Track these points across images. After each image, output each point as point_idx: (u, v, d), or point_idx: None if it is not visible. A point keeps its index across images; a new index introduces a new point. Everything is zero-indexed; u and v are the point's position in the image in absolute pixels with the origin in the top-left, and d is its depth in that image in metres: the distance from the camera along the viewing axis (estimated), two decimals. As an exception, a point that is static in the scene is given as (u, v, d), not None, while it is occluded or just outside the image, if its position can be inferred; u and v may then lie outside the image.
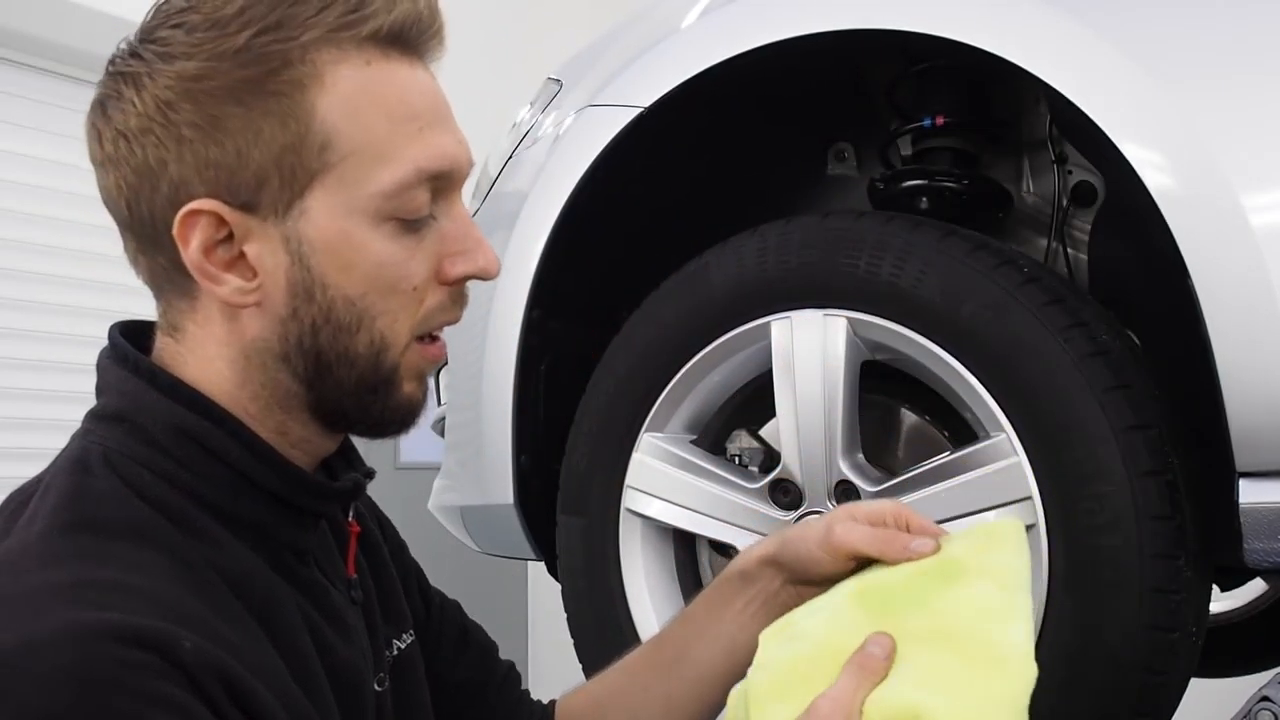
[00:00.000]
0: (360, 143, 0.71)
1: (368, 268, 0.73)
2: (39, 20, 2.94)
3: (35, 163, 3.04)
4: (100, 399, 0.77)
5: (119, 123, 0.73)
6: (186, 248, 0.71)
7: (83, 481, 0.69)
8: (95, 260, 3.14)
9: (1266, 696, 1.10)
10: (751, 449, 1.30)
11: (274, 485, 0.75)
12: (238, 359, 0.74)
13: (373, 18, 0.72)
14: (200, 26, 0.70)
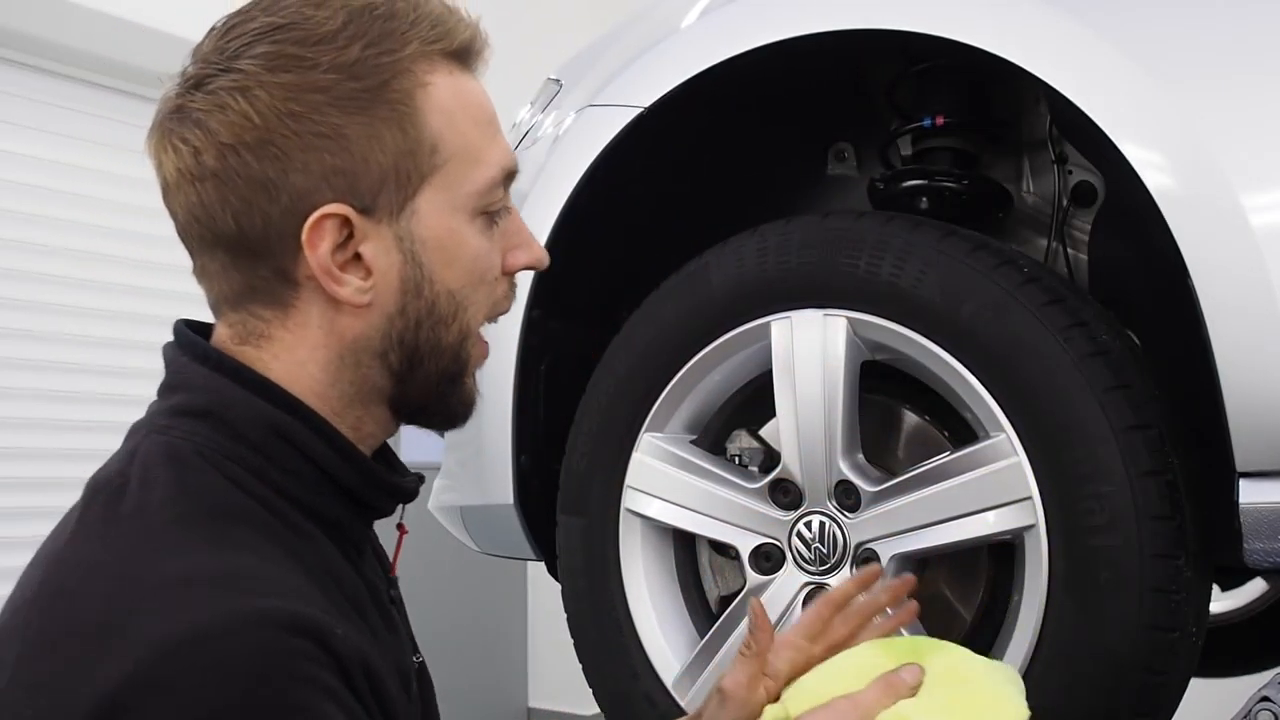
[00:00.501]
0: (458, 146, 0.77)
1: (467, 261, 0.79)
2: (39, 20, 2.94)
3: (35, 163, 3.05)
4: (176, 395, 0.77)
5: (227, 135, 0.73)
6: (314, 252, 0.74)
7: (186, 474, 0.71)
8: (95, 260, 3.14)
9: (1266, 696, 1.10)
10: (751, 449, 1.30)
11: (353, 483, 0.78)
12: (332, 360, 0.77)
13: (453, 34, 0.78)
14: (306, 41, 0.73)
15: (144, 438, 0.75)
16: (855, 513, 1.19)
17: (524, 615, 4.15)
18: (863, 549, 1.18)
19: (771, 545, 1.23)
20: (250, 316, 0.77)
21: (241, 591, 0.64)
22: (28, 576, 0.70)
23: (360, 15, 0.75)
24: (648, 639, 1.31)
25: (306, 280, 0.75)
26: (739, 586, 1.27)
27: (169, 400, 0.78)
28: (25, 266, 3.00)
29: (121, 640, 0.61)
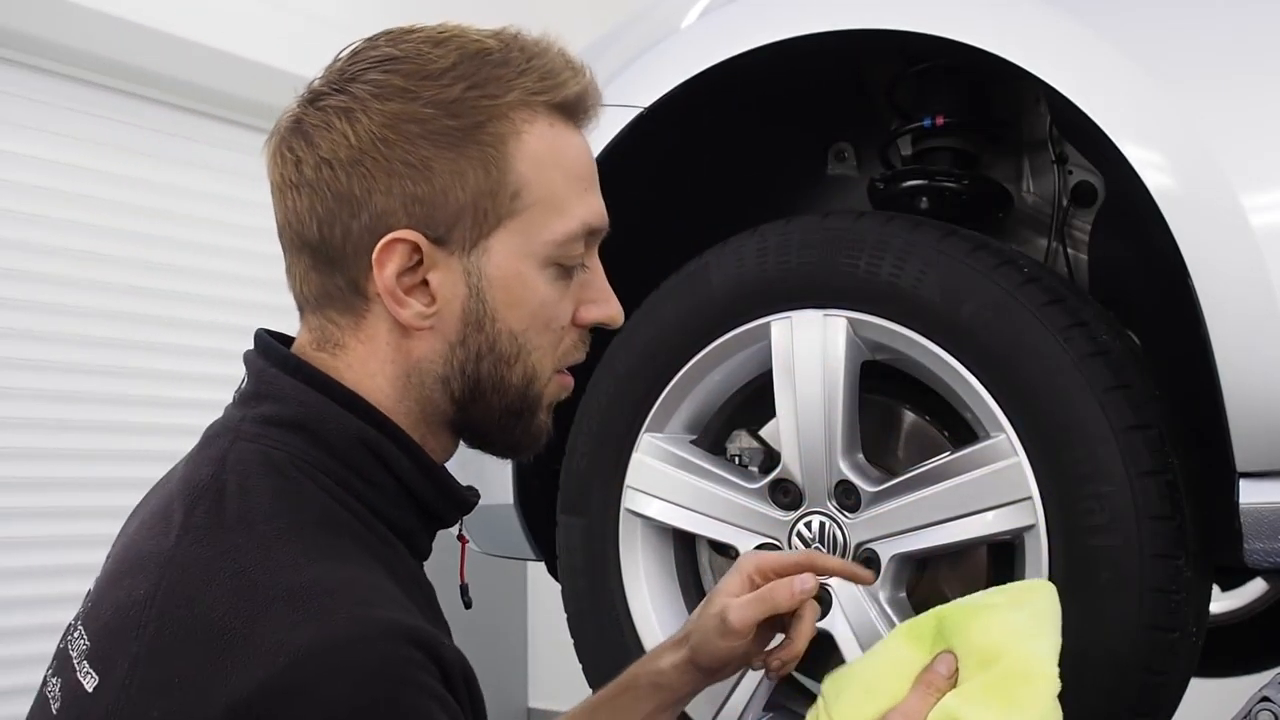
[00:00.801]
0: (542, 195, 0.80)
1: (533, 305, 0.81)
2: (39, 20, 2.94)
3: (35, 163, 3.04)
4: (264, 405, 0.80)
5: (326, 151, 0.78)
6: (381, 271, 0.78)
7: (284, 484, 0.75)
8: (95, 260, 3.14)
9: (1266, 697, 1.09)
10: (751, 449, 1.30)
11: (429, 496, 0.82)
12: (399, 376, 0.81)
13: (561, 88, 0.81)
14: (415, 75, 0.78)
15: (231, 444, 0.78)
16: (855, 513, 1.19)
17: (524, 615, 4.15)
18: (863, 549, 1.18)
19: (772, 545, 1.23)
20: (327, 322, 0.82)
21: (358, 603, 0.68)
22: (132, 578, 0.72)
23: (472, 58, 0.79)
24: (648, 639, 1.31)
25: (376, 296, 0.79)
26: (739, 586, 1.27)
27: (256, 409, 0.80)
28: (25, 266, 3.00)
29: (248, 648, 0.65)
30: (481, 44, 0.80)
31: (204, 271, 3.37)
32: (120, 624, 0.70)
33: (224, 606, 0.67)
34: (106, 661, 0.70)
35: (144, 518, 0.80)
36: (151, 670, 0.67)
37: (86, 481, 3.08)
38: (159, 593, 0.70)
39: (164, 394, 3.25)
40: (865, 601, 1.17)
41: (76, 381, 3.08)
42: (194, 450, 0.83)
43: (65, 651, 0.77)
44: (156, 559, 0.72)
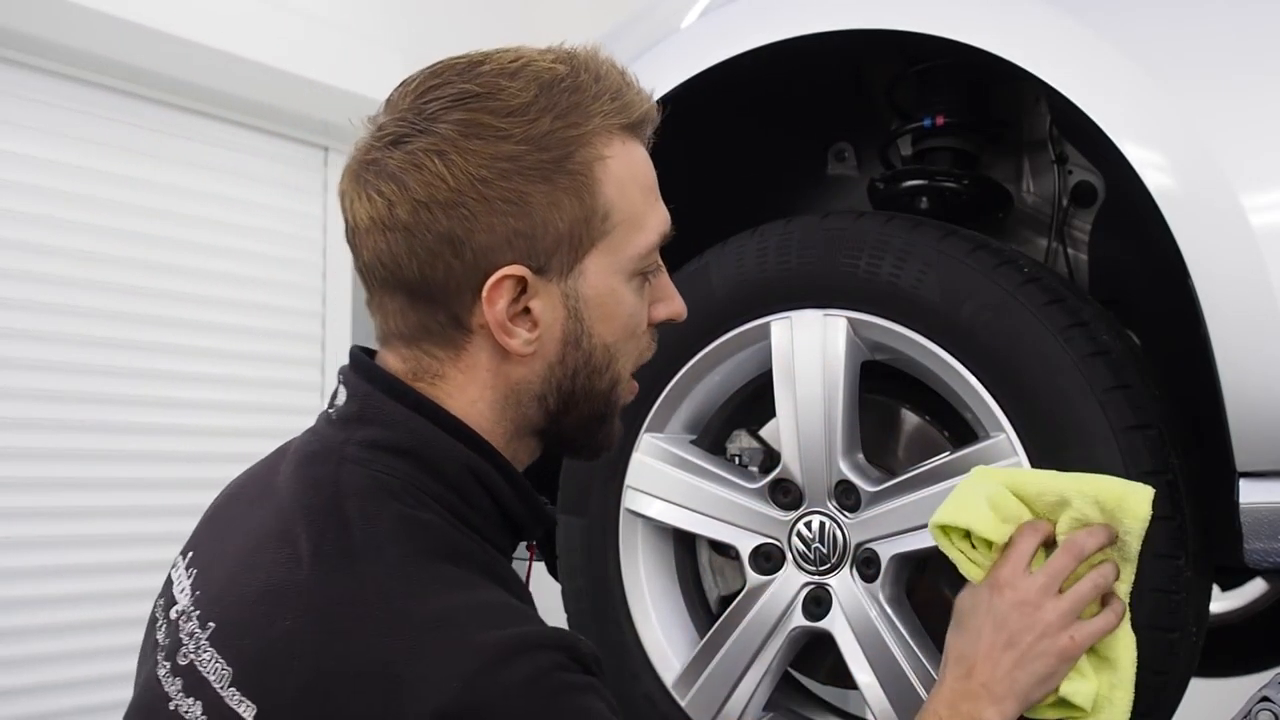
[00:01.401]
0: (626, 213, 0.85)
1: (623, 317, 0.87)
2: (39, 20, 2.94)
3: (35, 163, 3.04)
4: (371, 429, 0.83)
5: (421, 194, 0.80)
6: (492, 308, 0.81)
7: (406, 511, 0.79)
8: (95, 260, 3.14)
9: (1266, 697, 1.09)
10: (751, 449, 1.30)
11: (524, 518, 0.88)
12: (497, 400, 0.85)
13: (631, 108, 0.85)
14: (502, 112, 0.80)
15: (339, 466, 0.81)
16: (855, 513, 1.19)
17: (524, 615, 4.15)
18: (863, 549, 1.18)
19: (771, 545, 1.23)
20: (424, 355, 0.85)
21: (501, 624, 0.73)
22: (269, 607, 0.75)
23: (550, 88, 0.81)
24: (648, 639, 1.31)
25: (479, 328, 0.83)
26: (739, 586, 1.27)
27: (362, 432, 0.83)
28: (25, 266, 3.00)
29: (415, 680, 0.69)
30: (553, 71, 0.83)
31: (204, 272, 3.37)
32: (269, 656, 0.74)
33: (380, 640, 0.71)
34: (262, 692, 0.73)
35: (258, 538, 0.81)
36: (319, 703, 0.71)
37: (86, 481, 3.08)
38: (307, 626, 0.73)
39: (164, 394, 3.25)
40: (865, 601, 1.17)
41: (76, 381, 3.08)
42: (292, 472, 0.85)
43: (193, 669, 0.78)
44: (295, 590, 0.75)
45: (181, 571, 0.89)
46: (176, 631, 0.82)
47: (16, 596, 2.92)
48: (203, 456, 3.31)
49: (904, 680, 1.14)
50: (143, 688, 0.84)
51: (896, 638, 1.15)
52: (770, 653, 1.22)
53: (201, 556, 0.88)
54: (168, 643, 0.83)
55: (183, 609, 0.83)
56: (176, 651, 0.81)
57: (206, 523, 0.94)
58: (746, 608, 1.23)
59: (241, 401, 3.43)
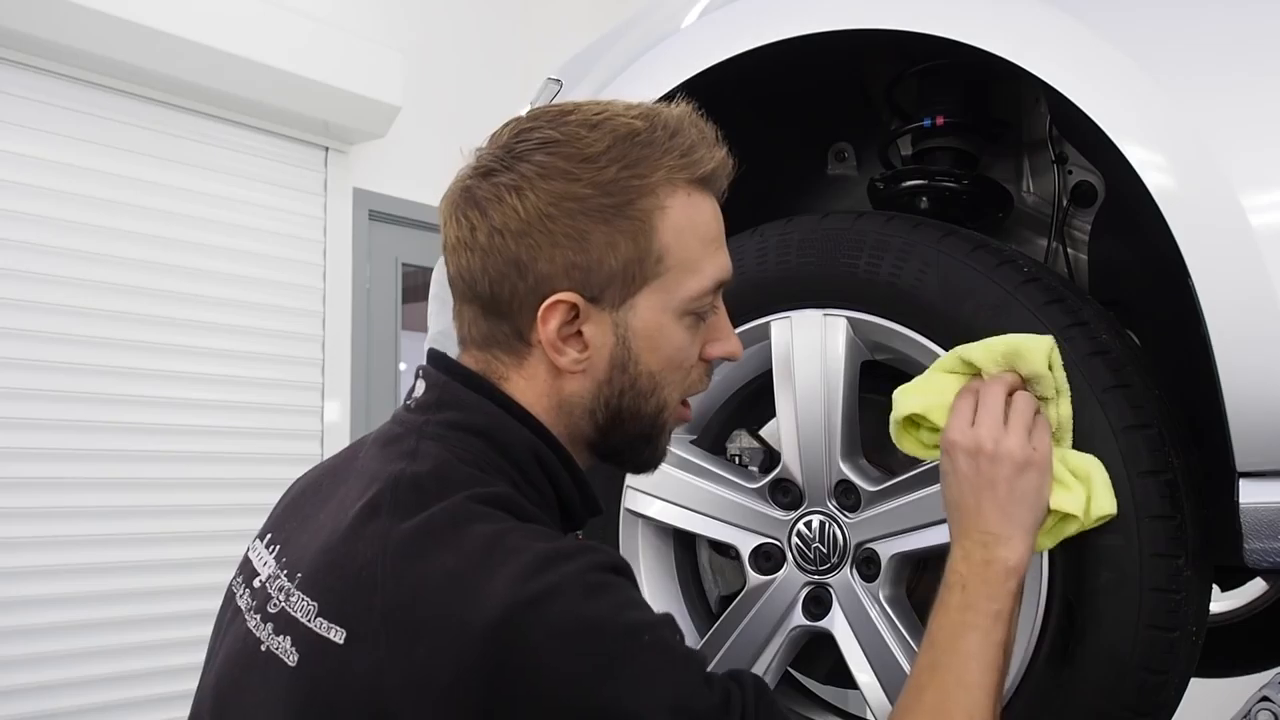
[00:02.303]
0: (681, 258, 0.94)
1: (670, 350, 0.95)
2: (39, 20, 2.94)
3: (35, 163, 3.04)
4: (448, 412, 0.94)
5: (498, 222, 0.91)
6: (545, 327, 0.92)
7: (479, 475, 0.89)
8: (95, 260, 3.14)
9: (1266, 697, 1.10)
10: (751, 449, 1.30)
11: (576, 504, 0.98)
12: (553, 408, 0.95)
13: (699, 164, 0.94)
14: (575, 158, 0.91)
15: (418, 442, 0.91)
16: (855, 512, 1.19)
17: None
18: (863, 549, 1.18)
19: (771, 545, 1.23)
20: (493, 359, 0.96)
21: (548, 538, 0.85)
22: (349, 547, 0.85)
23: (623, 141, 0.91)
24: (648, 639, 1.30)
25: (538, 343, 0.93)
26: (739, 586, 1.27)
27: (440, 415, 0.94)
28: (25, 266, 3.00)
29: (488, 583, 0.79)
30: (631, 126, 0.92)
31: (204, 271, 3.38)
32: (354, 586, 0.83)
33: (451, 556, 0.81)
34: (349, 617, 0.82)
35: (341, 505, 0.91)
36: (404, 619, 0.80)
37: (85, 481, 3.08)
38: (386, 555, 0.83)
39: (164, 394, 3.25)
40: (865, 600, 1.17)
41: (77, 381, 3.08)
42: (373, 451, 0.95)
43: (284, 612, 0.87)
44: (373, 532, 0.85)
45: (261, 550, 0.97)
46: (264, 591, 0.92)
47: (17, 596, 2.92)
48: (203, 456, 3.32)
49: (904, 680, 1.14)
50: (232, 642, 0.93)
51: (896, 637, 1.15)
52: (770, 652, 1.22)
53: (282, 534, 0.97)
54: (255, 602, 0.92)
55: (268, 575, 0.93)
56: (266, 604, 0.90)
57: (285, 509, 1.03)
58: (746, 607, 1.23)
59: (241, 401, 3.43)
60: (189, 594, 3.22)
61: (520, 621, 0.78)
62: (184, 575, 3.24)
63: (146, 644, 3.15)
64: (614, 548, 1.34)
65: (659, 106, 0.96)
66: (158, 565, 3.20)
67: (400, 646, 0.80)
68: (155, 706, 3.14)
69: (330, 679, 0.82)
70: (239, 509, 3.32)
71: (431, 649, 0.79)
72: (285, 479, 1.07)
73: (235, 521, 3.29)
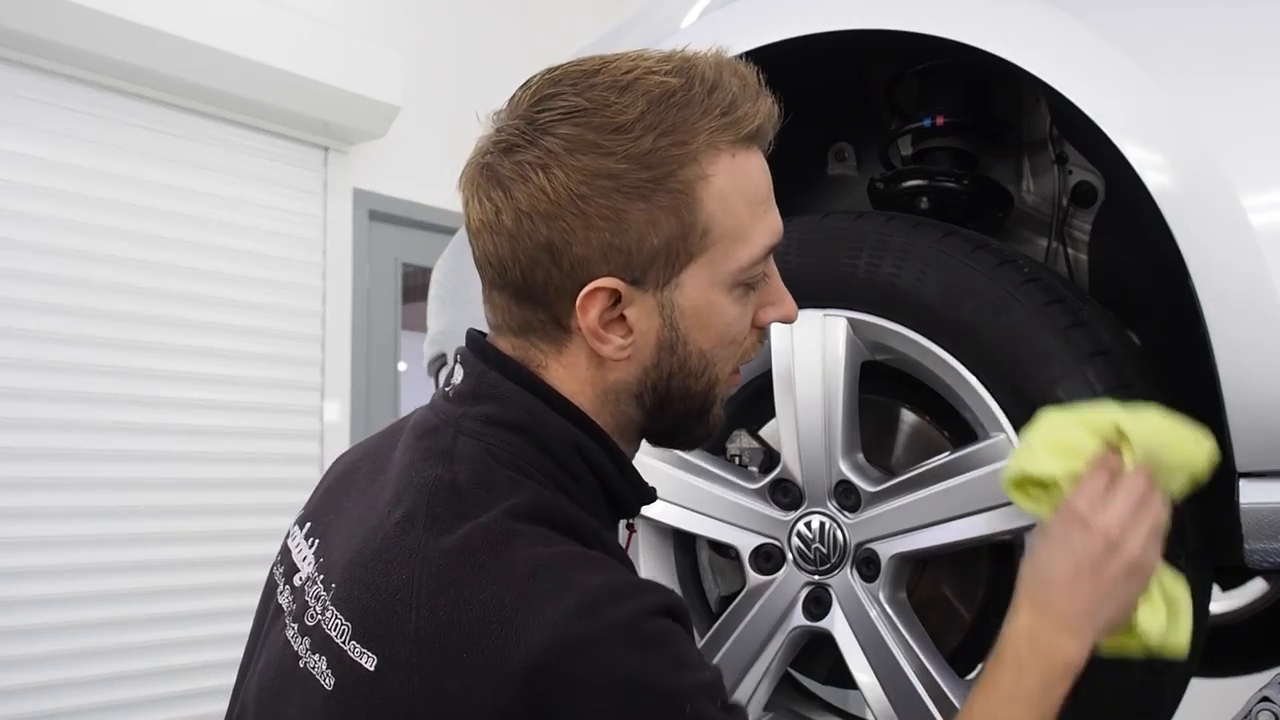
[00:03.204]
0: (728, 228, 0.85)
1: (720, 327, 0.88)
2: (39, 20, 2.94)
3: (35, 163, 3.04)
4: (486, 405, 0.88)
5: (524, 204, 0.83)
6: (585, 316, 0.84)
7: (516, 478, 0.84)
8: (94, 260, 3.14)
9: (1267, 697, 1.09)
10: (751, 449, 1.30)
11: (625, 494, 0.92)
12: (597, 396, 0.89)
13: (743, 122, 0.85)
14: (606, 128, 0.82)
15: (454, 439, 0.86)
16: (855, 513, 1.19)
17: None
18: (863, 549, 1.18)
19: (771, 545, 1.23)
20: (531, 347, 0.89)
21: (603, 570, 0.79)
22: (386, 564, 0.81)
23: (658, 104, 0.82)
24: (648, 639, 1.30)
25: (577, 330, 0.86)
26: (739, 586, 1.27)
27: (477, 408, 0.88)
28: (25, 266, 3.00)
29: (529, 618, 0.74)
30: (665, 85, 0.83)
31: (204, 271, 3.37)
32: (387, 609, 0.78)
33: (492, 584, 0.76)
34: (382, 643, 0.78)
35: (376, 506, 0.87)
36: (437, 649, 0.75)
37: (85, 481, 3.08)
38: (423, 578, 0.78)
39: (164, 394, 3.25)
40: (865, 601, 1.17)
41: (76, 381, 3.08)
42: (410, 443, 0.90)
43: (319, 628, 0.84)
44: (409, 549, 0.80)
45: (300, 541, 0.94)
46: (303, 596, 0.88)
47: (16, 596, 2.92)
48: (203, 456, 3.32)
49: (904, 680, 1.14)
50: (272, 650, 0.90)
51: (896, 638, 1.15)
52: (770, 653, 1.22)
53: (321, 525, 0.93)
54: (294, 607, 0.89)
55: (307, 575, 0.89)
56: (304, 614, 0.86)
57: (324, 494, 0.99)
58: (746, 608, 1.23)
59: (241, 401, 3.43)
60: (189, 594, 3.22)
61: (562, 667, 0.73)
62: (184, 575, 3.23)
63: (146, 644, 3.15)
64: None
65: (695, 56, 0.86)
66: (158, 565, 3.20)
67: (433, 678, 0.75)
68: (156, 706, 3.14)
69: (364, 709, 0.78)
70: (239, 509, 3.32)
71: (466, 685, 0.75)
72: (285, 479, 1.08)
73: (235, 521, 3.29)
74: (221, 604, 3.24)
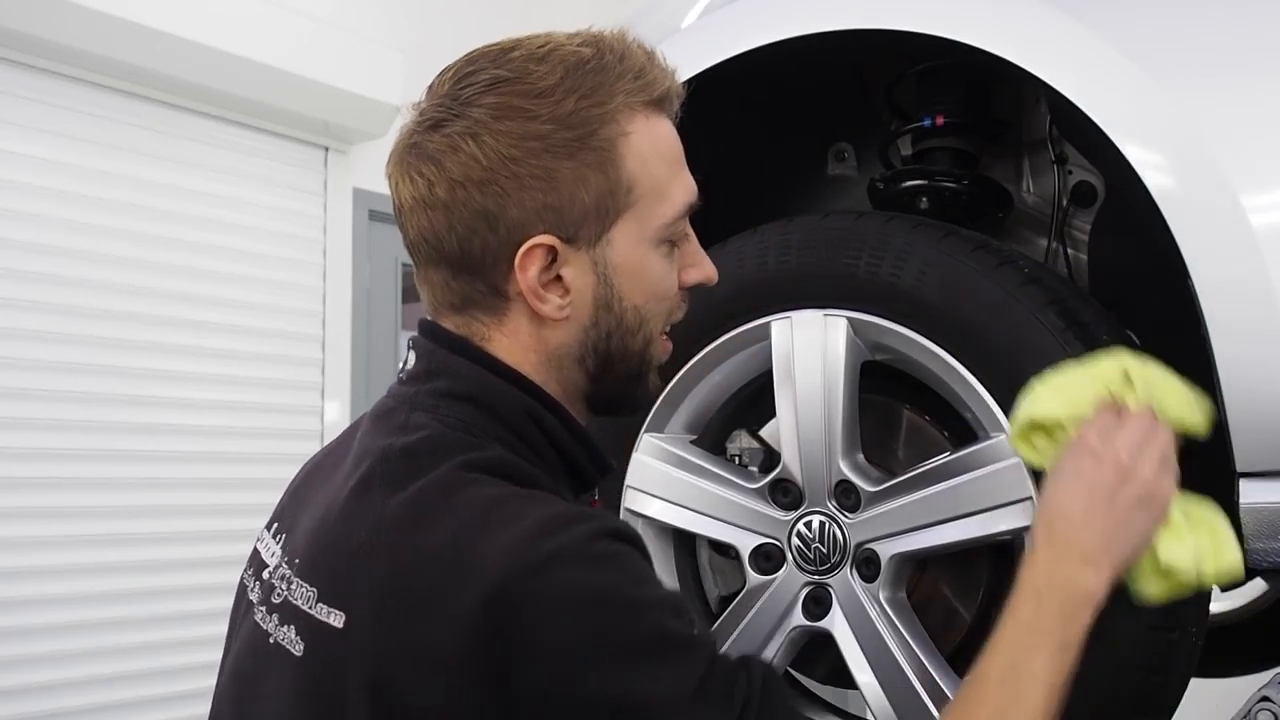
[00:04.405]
0: (650, 184, 0.90)
1: (651, 281, 0.92)
2: (39, 20, 2.94)
3: (35, 163, 3.04)
4: (438, 380, 0.91)
5: (458, 174, 0.86)
6: (525, 275, 0.87)
7: (471, 441, 0.86)
8: (95, 260, 3.14)
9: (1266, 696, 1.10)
10: (751, 449, 1.30)
11: (581, 460, 0.94)
12: (541, 363, 0.91)
13: (654, 85, 0.91)
14: (529, 94, 0.86)
15: (409, 414, 0.89)
16: (855, 513, 1.19)
17: (524, 615, 4.15)
18: (863, 549, 1.18)
19: (771, 545, 1.23)
20: (473, 321, 0.91)
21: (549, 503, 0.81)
22: (345, 526, 0.83)
23: (575, 70, 0.87)
24: (648, 639, 1.30)
25: (517, 296, 0.89)
26: (739, 586, 1.27)
27: (430, 384, 0.91)
28: (25, 266, 3.00)
29: (483, 556, 0.76)
30: (578, 54, 0.89)
31: (204, 272, 3.37)
32: (349, 567, 0.81)
33: (447, 525, 0.79)
34: (347, 599, 0.80)
35: (337, 484, 0.89)
36: (401, 595, 0.78)
37: (84, 481, 3.08)
38: (381, 532, 0.81)
39: (164, 394, 3.25)
40: (865, 601, 1.17)
41: (76, 381, 3.08)
42: (367, 426, 0.93)
43: (286, 602, 0.86)
44: (367, 508, 0.83)
45: (269, 541, 0.96)
46: (270, 580, 0.91)
47: (17, 596, 2.92)
48: (203, 456, 3.31)
49: (904, 680, 1.14)
50: (244, 637, 0.92)
51: (896, 638, 1.15)
52: (770, 653, 1.22)
53: (287, 521, 0.96)
54: (262, 594, 0.91)
55: (274, 565, 0.92)
56: (270, 594, 0.89)
57: (289, 496, 1.01)
58: (746, 607, 1.23)
59: (241, 401, 3.43)
60: (189, 594, 3.22)
61: (518, 590, 0.75)
62: (184, 575, 3.23)
63: (147, 644, 3.15)
64: None
65: (601, 31, 0.93)
66: (158, 565, 3.20)
67: (399, 621, 0.77)
68: (156, 706, 3.14)
69: (336, 665, 0.79)
70: (238, 509, 3.32)
71: (429, 626, 0.76)
72: (285, 479, 1.07)
73: (235, 521, 3.29)
74: (221, 604, 3.20)
